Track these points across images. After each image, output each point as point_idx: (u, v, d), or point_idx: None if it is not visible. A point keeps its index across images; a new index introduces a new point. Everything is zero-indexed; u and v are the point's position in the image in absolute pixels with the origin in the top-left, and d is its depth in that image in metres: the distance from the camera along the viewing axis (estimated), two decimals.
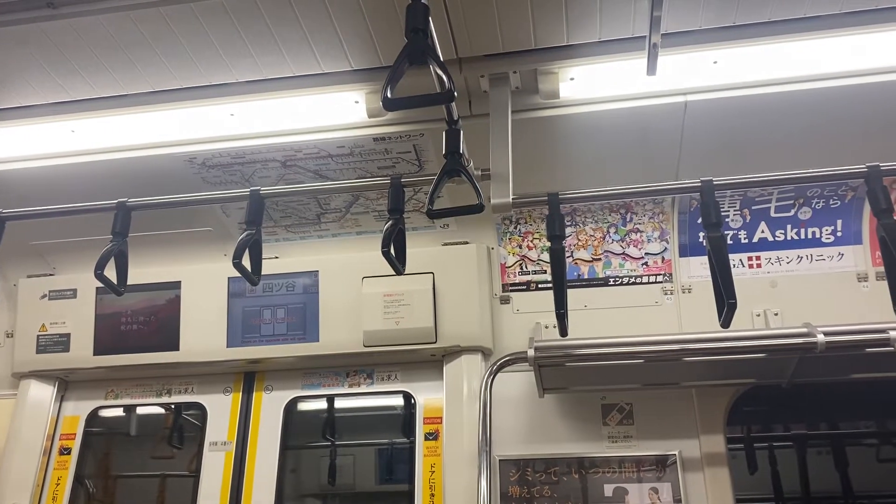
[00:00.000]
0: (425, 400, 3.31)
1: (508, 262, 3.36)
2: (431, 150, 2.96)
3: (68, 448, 3.52)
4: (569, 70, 2.62)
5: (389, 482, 3.91)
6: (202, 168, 3.09)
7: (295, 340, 3.31)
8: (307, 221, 3.39)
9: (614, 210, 3.28)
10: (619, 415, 3.11)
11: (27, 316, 3.56)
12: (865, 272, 3.10)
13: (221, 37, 2.44)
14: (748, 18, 2.40)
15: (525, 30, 2.44)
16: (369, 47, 2.50)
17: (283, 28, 2.41)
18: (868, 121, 2.77)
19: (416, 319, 3.19)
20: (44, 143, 2.99)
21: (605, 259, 3.28)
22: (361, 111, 2.76)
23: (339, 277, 3.35)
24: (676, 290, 3.19)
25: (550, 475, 3.05)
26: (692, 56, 2.53)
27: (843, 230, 3.15)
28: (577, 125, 2.85)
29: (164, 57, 2.54)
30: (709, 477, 2.94)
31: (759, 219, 3.20)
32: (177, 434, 3.74)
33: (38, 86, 2.69)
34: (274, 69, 2.62)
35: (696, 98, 2.72)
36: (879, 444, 4.79)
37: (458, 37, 2.46)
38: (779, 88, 2.67)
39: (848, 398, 4.28)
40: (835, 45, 2.49)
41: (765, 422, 4.85)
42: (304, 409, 3.63)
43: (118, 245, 2.36)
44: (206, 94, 2.73)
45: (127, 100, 2.77)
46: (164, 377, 3.57)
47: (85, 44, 2.47)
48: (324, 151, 3.00)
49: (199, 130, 2.93)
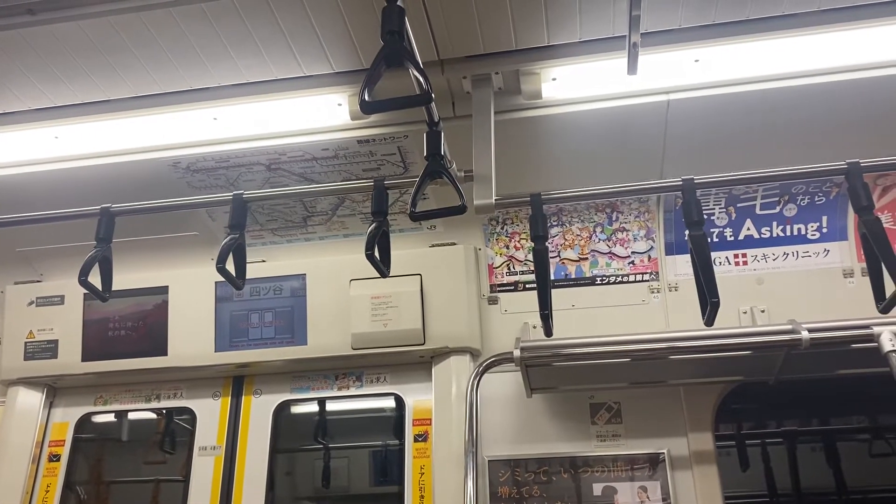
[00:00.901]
0: (414, 402, 3.31)
1: (496, 263, 3.36)
2: (416, 152, 2.96)
3: (57, 455, 3.51)
4: (551, 70, 2.62)
5: (379, 484, 3.90)
6: (186, 172, 3.09)
7: (283, 344, 3.31)
8: (294, 224, 3.38)
9: (600, 209, 3.28)
10: (607, 414, 3.11)
11: (14, 323, 3.55)
12: (851, 268, 3.11)
13: (202, 41, 2.44)
14: (728, 17, 2.40)
15: (506, 31, 2.44)
16: (350, 49, 2.49)
17: (264, 31, 2.40)
18: (850, 117, 2.78)
19: (405, 321, 3.19)
20: (27, 149, 2.98)
21: (591, 258, 3.28)
22: (344, 113, 2.75)
23: (327, 280, 3.34)
24: (663, 288, 3.20)
25: (540, 475, 3.05)
26: (673, 55, 2.53)
27: (828, 226, 3.15)
28: (560, 125, 2.85)
29: (145, 62, 2.53)
30: (697, 475, 2.94)
31: (745, 216, 3.20)
32: (166, 439, 3.73)
33: (20, 92, 2.69)
34: (255, 72, 2.61)
35: (678, 97, 2.73)
36: (871, 439, 4.79)
37: (438, 38, 2.46)
38: (760, 86, 2.67)
39: (837, 394, 4.29)
40: (814, 43, 2.49)
41: (757, 419, 4.85)
42: (294, 412, 3.62)
43: (102, 251, 2.36)
44: (189, 99, 2.72)
45: (109, 105, 2.76)
46: (152, 382, 3.56)
47: (66, 50, 2.47)
48: (308, 154, 3.00)
49: (182, 135, 2.93)
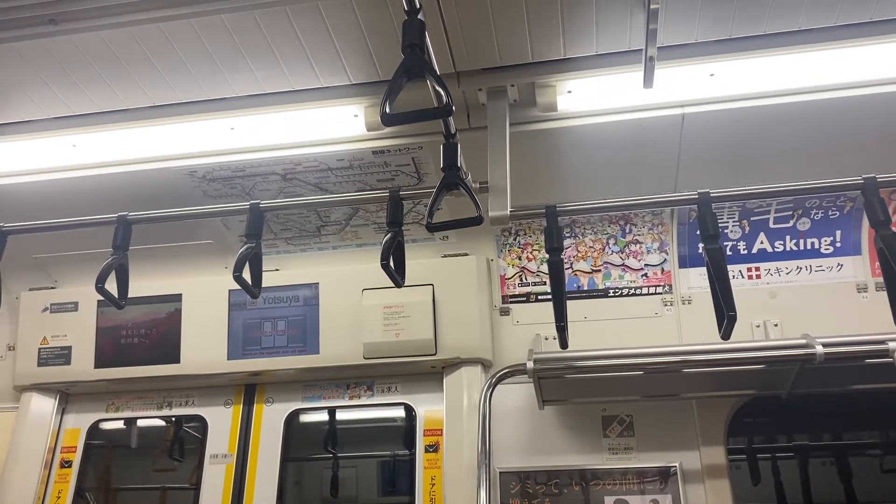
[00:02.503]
0: (426, 412, 3.31)
1: (508, 274, 3.37)
2: (430, 163, 2.97)
3: (69, 461, 3.52)
4: (566, 83, 2.63)
5: (390, 494, 3.90)
6: (203, 181, 3.11)
7: (295, 353, 3.32)
8: (307, 234, 3.40)
9: (613, 221, 3.28)
10: (619, 426, 3.10)
11: (28, 329, 3.58)
12: (865, 283, 3.10)
13: (221, 52, 2.46)
14: (744, 32, 2.41)
15: (522, 43, 2.45)
16: (368, 62, 2.51)
17: (282, 43, 2.42)
18: (865, 132, 2.78)
19: (416, 331, 3.19)
20: (45, 157, 3.01)
21: (604, 270, 3.28)
22: (360, 125, 2.77)
23: (340, 289, 3.35)
24: (676, 301, 3.19)
25: (551, 487, 3.05)
26: (689, 69, 2.54)
27: (842, 241, 3.15)
28: (574, 138, 2.86)
29: (164, 72, 2.56)
30: (709, 489, 2.93)
31: (759, 230, 3.20)
32: (177, 447, 3.75)
33: (39, 101, 2.71)
34: (273, 83, 2.63)
35: (693, 110, 2.74)
36: (883, 454, 4.76)
37: (455, 51, 2.47)
38: (775, 100, 2.68)
39: (850, 409, 4.26)
40: (830, 58, 2.50)
41: (768, 433, 4.82)
42: (305, 421, 3.63)
43: (119, 259, 2.37)
44: (206, 109, 2.75)
45: (127, 114, 2.79)
46: (164, 390, 3.57)
47: (86, 59, 2.49)
48: (323, 164, 3.02)
49: (199, 144, 2.96)
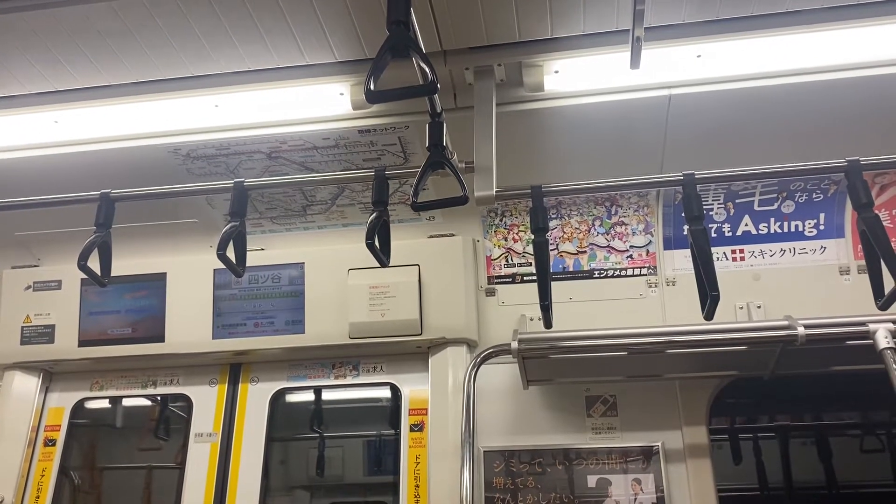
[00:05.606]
0: (411, 391, 3.32)
1: (494, 255, 3.37)
2: (417, 143, 2.96)
3: (53, 439, 3.51)
4: (553, 63, 2.61)
5: (375, 474, 3.91)
6: (187, 159, 3.08)
7: (281, 332, 3.31)
8: (293, 213, 3.38)
9: (599, 203, 3.29)
10: (602, 406, 3.12)
11: (11, 307, 3.55)
12: (847, 265, 3.12)
13: (205, 27, 2.43)
14: (731, 13, 2.40)
15: (510, 22, 2.43)
16: (353, 39, 2.49)
17: (267, 19, 2.39)
18: (850, 115, 2.79)
19: (402, 311, 3.20)
20: (27, 133, 2.97)
21: (590, 252, 3.29)
22: (346, 103, 2.74)
23: (325, 269, 3.35)
24: (661, 282, 3.21)
25: (535, 466, 3.07)
26: (676, 50, 2.53)
27: (825, 224, 3.17)
28: (561, 118, 2.85)
29: (148, 47, 2.52)
30: (691, 468, 2.96)
31: (743, 212, 3.21)
32: (162, 426, 3.74)
33: (20, 76, 2.67)
34: (258, 60, 2.60)
35: (679, 91, 2.73)
36: (863, 434, 4.83)
37: (442, 29, 2.45)
38: (762, 82, 2.68)
39: (831, 390, 4.31)
40: (816, 40, 2.49)
41: (751, 413, 4.88)
42: (290, 400, 3.63)
43: (102, 236, 2.35)
44: (190, 85, 2.71)
45: (110, 90, 2.75)
46: (149, 369, 3.56)
47: (67, 34, 2.45)
48: (309, 143, 3.00)
49: (183, 121, 2.92)
